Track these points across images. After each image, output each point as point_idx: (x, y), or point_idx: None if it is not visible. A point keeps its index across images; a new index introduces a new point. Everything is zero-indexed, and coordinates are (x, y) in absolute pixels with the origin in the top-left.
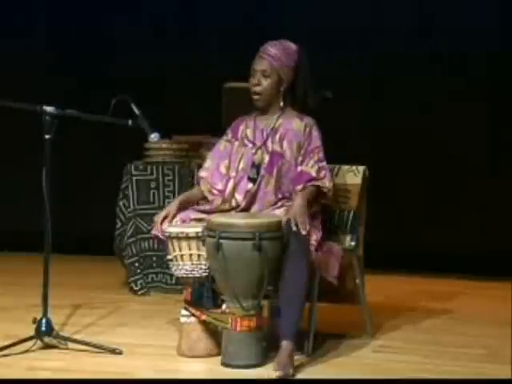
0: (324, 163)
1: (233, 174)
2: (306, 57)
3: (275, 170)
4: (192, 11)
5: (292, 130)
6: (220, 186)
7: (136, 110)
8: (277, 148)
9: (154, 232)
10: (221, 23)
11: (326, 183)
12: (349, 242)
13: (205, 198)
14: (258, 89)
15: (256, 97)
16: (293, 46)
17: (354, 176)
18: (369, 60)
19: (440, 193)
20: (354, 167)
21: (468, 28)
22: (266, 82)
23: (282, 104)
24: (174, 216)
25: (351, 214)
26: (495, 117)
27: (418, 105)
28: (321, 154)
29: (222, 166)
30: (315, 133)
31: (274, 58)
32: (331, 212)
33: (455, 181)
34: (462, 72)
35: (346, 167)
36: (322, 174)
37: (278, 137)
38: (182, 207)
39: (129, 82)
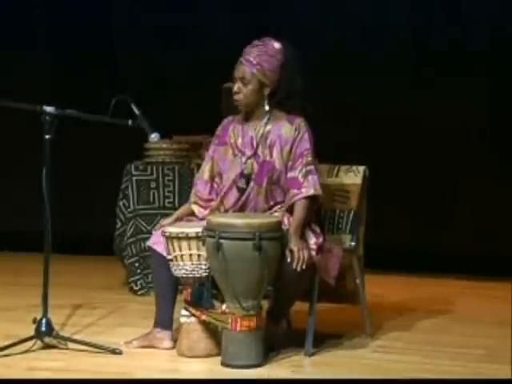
0: (311, 167)
1: (222, 183)
2: (292, 54)
3: (265, 180)
4: (192, 11)
5: (281, 136)
6: (203, 194)
7: (136, 110)
8: (267, 157)
9: (149, 243)
10: (221, 23)
11: (311, 191)
12: (349, 241)
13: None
14: (237, 97)
15: (237, 103)
16: (276, 45)
17: (354, 176)
18: (369, 60)
19: (440, 193)
20: (354, 167)
21: (467, 27)
22: (245, 89)
23: (267, 108)
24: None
25: (351, 214)
26: (496, 117)
27: (418, 105)
28: (309, 158)
29: (206, 170)
30: (305, 135)
31: (252, 63)
32: (331, 212)
33: (455, 181)
34: (463, 72)
35: (345, 167)
36: (310, 178)
37: (267, 145)
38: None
39: (129, 81)
